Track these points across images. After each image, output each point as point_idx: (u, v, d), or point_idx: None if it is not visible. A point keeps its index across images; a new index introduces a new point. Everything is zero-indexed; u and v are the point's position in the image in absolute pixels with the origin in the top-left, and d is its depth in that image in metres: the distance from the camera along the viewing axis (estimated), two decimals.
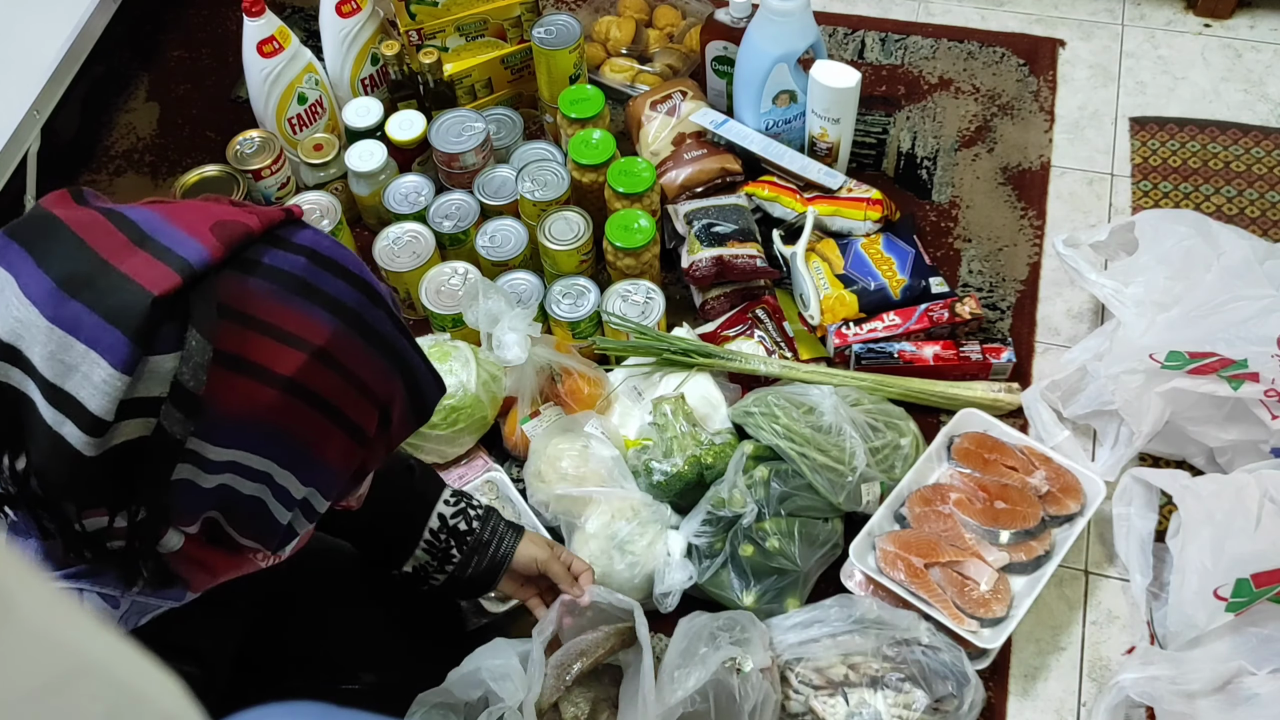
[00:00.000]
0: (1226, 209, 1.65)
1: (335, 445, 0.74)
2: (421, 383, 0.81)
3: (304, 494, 0.75)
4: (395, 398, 0.78)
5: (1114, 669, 1.28)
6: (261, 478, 0.72)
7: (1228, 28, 1.88)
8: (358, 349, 0.74)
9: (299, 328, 0.71)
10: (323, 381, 0.72)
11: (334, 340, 0.72)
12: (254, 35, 1.61)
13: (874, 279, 1.53)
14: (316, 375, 0.71)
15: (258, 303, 0.70)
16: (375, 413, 0.76)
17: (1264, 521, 1.18)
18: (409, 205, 1.61)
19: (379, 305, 0.76)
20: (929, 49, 1.89)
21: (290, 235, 0.74)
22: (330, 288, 0.73)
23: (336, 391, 0.73)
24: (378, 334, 0.76)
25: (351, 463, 0.77)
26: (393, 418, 0.79)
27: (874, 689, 1.19)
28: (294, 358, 0.70)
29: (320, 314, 0.72)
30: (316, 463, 0.74)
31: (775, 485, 1.30)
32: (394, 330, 0.77)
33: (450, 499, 1.14)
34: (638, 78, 1.81)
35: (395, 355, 0.77)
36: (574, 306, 1.50)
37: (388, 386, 0.77)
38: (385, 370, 0.76)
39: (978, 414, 1.41)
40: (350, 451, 0.76)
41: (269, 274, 0.71)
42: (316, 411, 0.72)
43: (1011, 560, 1.28)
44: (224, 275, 0.69)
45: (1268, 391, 1.25)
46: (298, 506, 0.75)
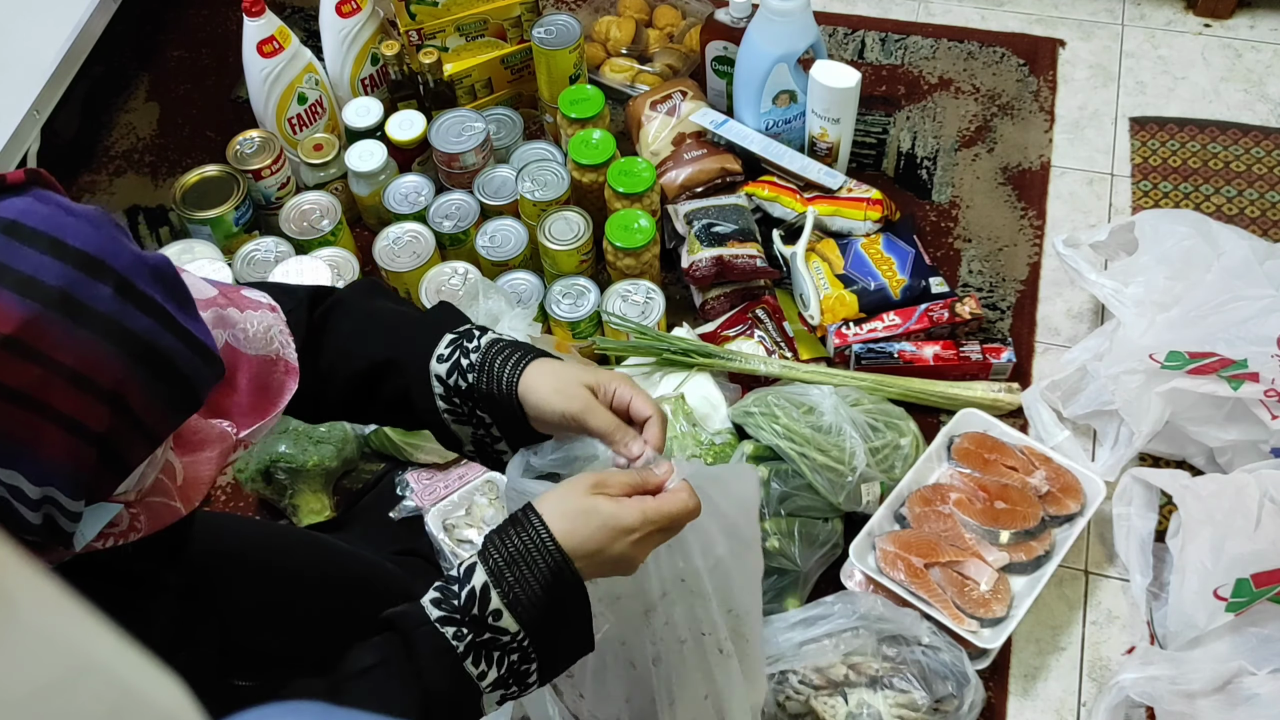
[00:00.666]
0: (1226, 209, 1.65)
1: (52, 441, 0.65)
2: (178, 363, 0.69)
3: (42, 494, 0.66)
4: (129, 385, 0.67)
5: (1114, 669, 1.28)
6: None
7: (1228, 28, 1.88)
8: (65, 335, 0.63)
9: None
10: (15, 374, 0.62)
11: (28, 327, 0.62)
12: (254, 35, 1.61)
13: (874, 279, 1.53)
14: (7, 368, 0.62)
15: None
16: (101, 405, 0.66)
17: (1264, 521, 1.18)
18: (409, 205, 1.61)
19: (102, 279, 0.66)
20: (929, 49, 1.89)
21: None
22: (26, 265, 0.63)
23: (36, 384, 0.63)
24: (93, 314, 0.65)
25: (85, 459, 0.67)
26: (132, 406, 0.67)
27: (874, 689, 1.19)
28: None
29: (7, 296, 0.62)
30: (36, 461, 0.65)
31: (775, 485, 1.31)
32: (123, 308, 0.66)
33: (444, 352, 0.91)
34: (638, 78, 1.81)
35: (125, 337, 0.66)
36: (574, 306, 1.50)
37: (113, 374, 0.66)
38: (109, 355, 0.65)
39: (978, 414, 1.41)
40: (75, 448, 0.66)
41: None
42: (15, 406, 0.63)
43: (1011, 560, 1.28)
44: None
45: (1268, 391, 1.25)
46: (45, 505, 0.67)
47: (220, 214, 1.59)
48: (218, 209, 1.59)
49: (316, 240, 1.58)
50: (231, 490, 1.49)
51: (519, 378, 0.88)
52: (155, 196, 1.81)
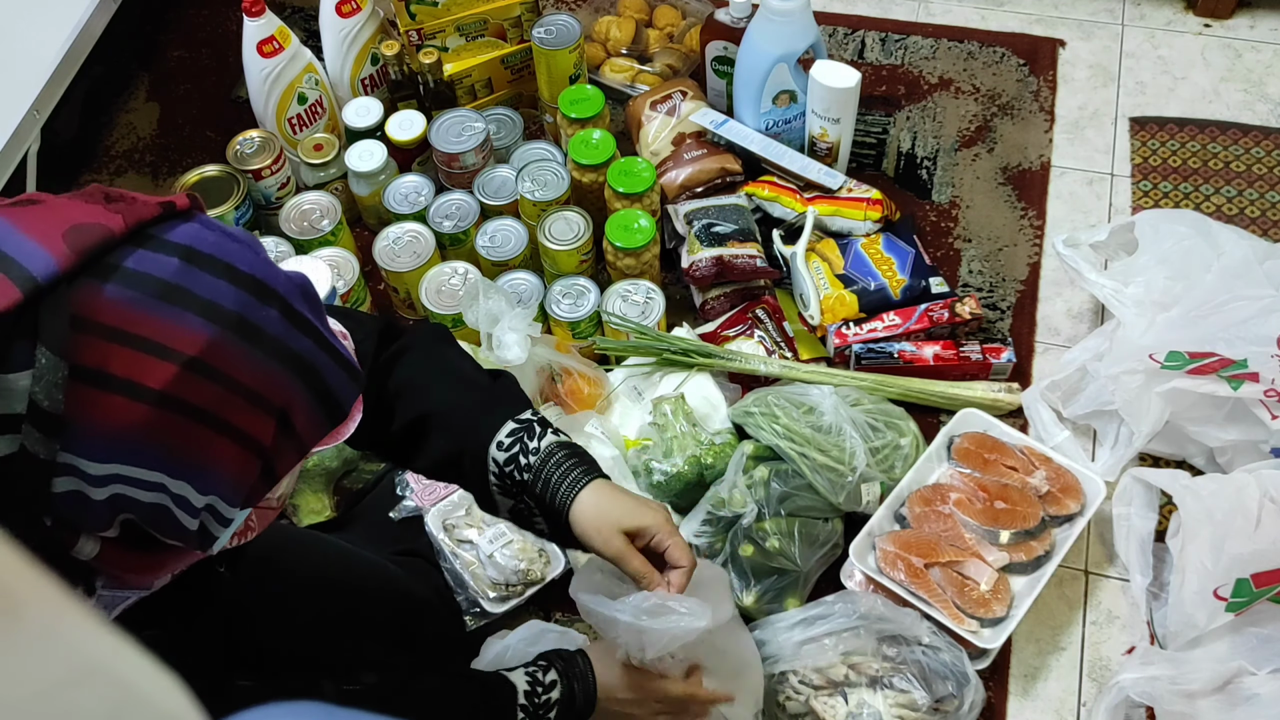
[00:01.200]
0: (1226, 209, 1.65)
1: (226, 456, 0.69)
2: (330, 382, 0.75)
3: (206, 502, 0.70)
4: (294, 402, 0.72)
5: (1114, 669, 1.28)
6: (155, 488, 0.68)
7: (1228, 28, 1.88)
8: (240, 355, 0.68)
9: (168, 337, 0.66)
10: (200, 393, 0.67)
11: (211, 348, 0.67)
12: (254, 35, 1.61)
13: (874, 279, 1.53)
14: (192, 387, 0.66)
15: (118, 313, 0.65)
16: (270, 420, 0.71)
17: (1264, 521, 1.18)
18: (409, 205, 1.61)
19: (269, 303, 0.70)
20: (929, 49, 1.89)
21: (164, 233, 0.69)
22: (205, 290, 0.67)
23: (218, 402, 0.68)
24: (267, 337, 0.70)
25: (250, 471, 0.72)
26: (295, 422, 0.73)
27: (874, 689, 1.19)
28: (164, 370, 0.65)
29: (193, 320, 0.66)
30: (209, 473, 0.69)
31: (775, 485, 1.31)
32: (288, 330, 0.71)
33: (505, 440, 0.99)
34: (638, 78, 1.81)
35: (290, 357, 0.71)
36: (574, 306, 1.50)
37: (283, 392, 0.71)
38: (278, 374, 0.70)
39: (978, 414, 1.41)
40: (245, 461, 0.71)
41: (132, 280, 0.66)
42: (197, 424, 0.67)
43: (1011, 560, 1.28)
44: (80, 285, 0.64)
45: (1268, 391, 1.25)
46: (204, 513, 0.71)
47: (220, 214, 1.59)
48: (218, 209, 1.59)
49: (316, 240, 1.58)
50: None
51: (570, 504, 0.98)
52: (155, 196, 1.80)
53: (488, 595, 1.32)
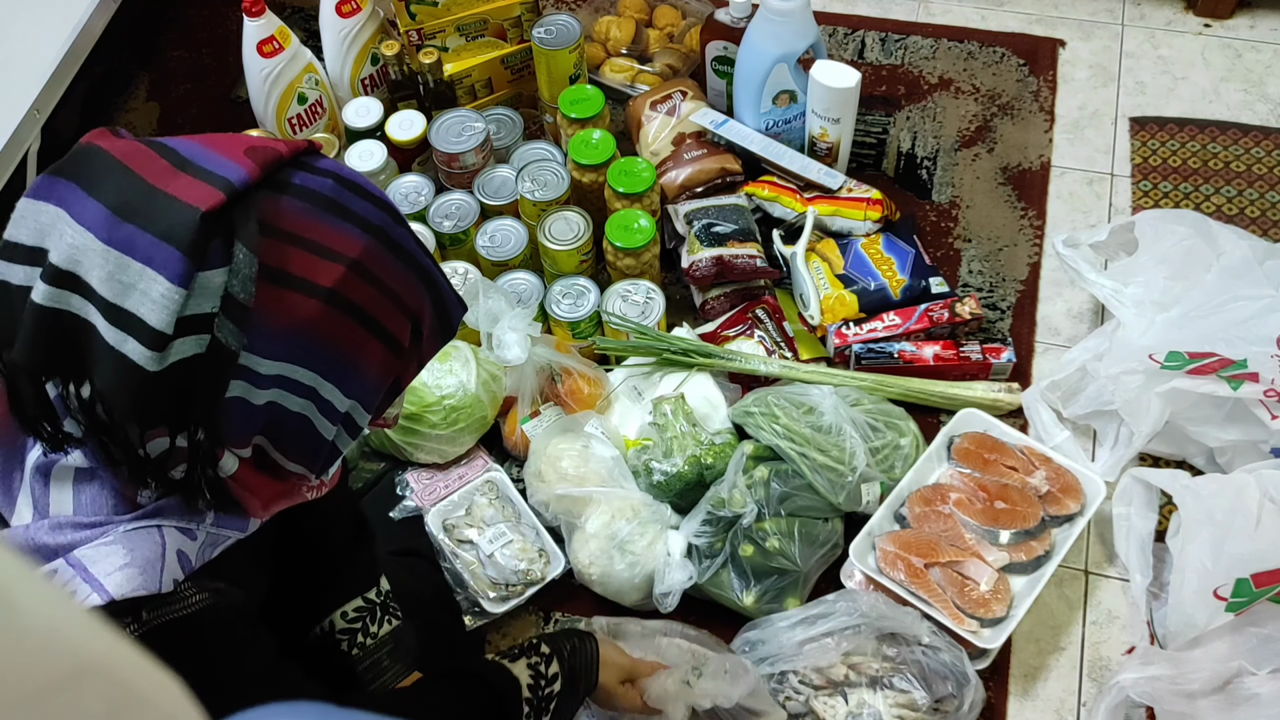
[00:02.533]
0: (1226, 209, 1.65)
1: (374, 355, 0.79)
2: (446, 299, 0.85)
3: (347, 406, 0.79)
4: (425, 311, 0.82)
5: (1114, 669, 1.28)
6: (307, 392, 0.76)
7: (1228, 28, 1.88)
8: (389, 263, 0.78)
9: (334, 242, 0.75)
10: (360, 292, 0.76)
11: (367, 254, 0.76)
12: (254, 35, 1.61)
13: (874, 279, 1.53)
14: (354, 286, 0.75)
15: (294, 219, 0.74)
16: (408, 324, 0.81)
17: (1264, 521, 1.18)
18: (409, 205, 1.61)
19: (402, 224, 0.81)
20: (929, 49, 1.89)
21: (315, 161, 0.78)
22: (358, 207, 0.77)
23: (373, 302, 0.77)
24: (405, 250, 0.80)
25: (389, 374, 0.81)
26: (423, 331, 0.83)
27: (874, 689, 1.19)
28: (333, 270, 0.74)
29: (352, 229, 0.76)
30: (357, 373, 0.78)
31: (775, 485, 1.31)
32: (417, 247, 0.82)
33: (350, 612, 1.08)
34: (638, 78, 1.81)
35: (422, 270, 0.81)
36: (574, 306, 1.50)
37: (418, 299, 0.81)
38: (414, 283, 0.81)
39: (978, 414, 1.41)
40: (388, 362, 0.80)
41: (301, 194, 0.75)
42: (355, 322, 0.76)
43: (1011, 560, 1.28)
44: (261, 195, 0.73)
45: (1267, 391, 1.25)
46: (341, 421, 0.80)
47: None
48: None
49: None
50: None
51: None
52: None
53: (488, 595, 1.32)
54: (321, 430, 0.79)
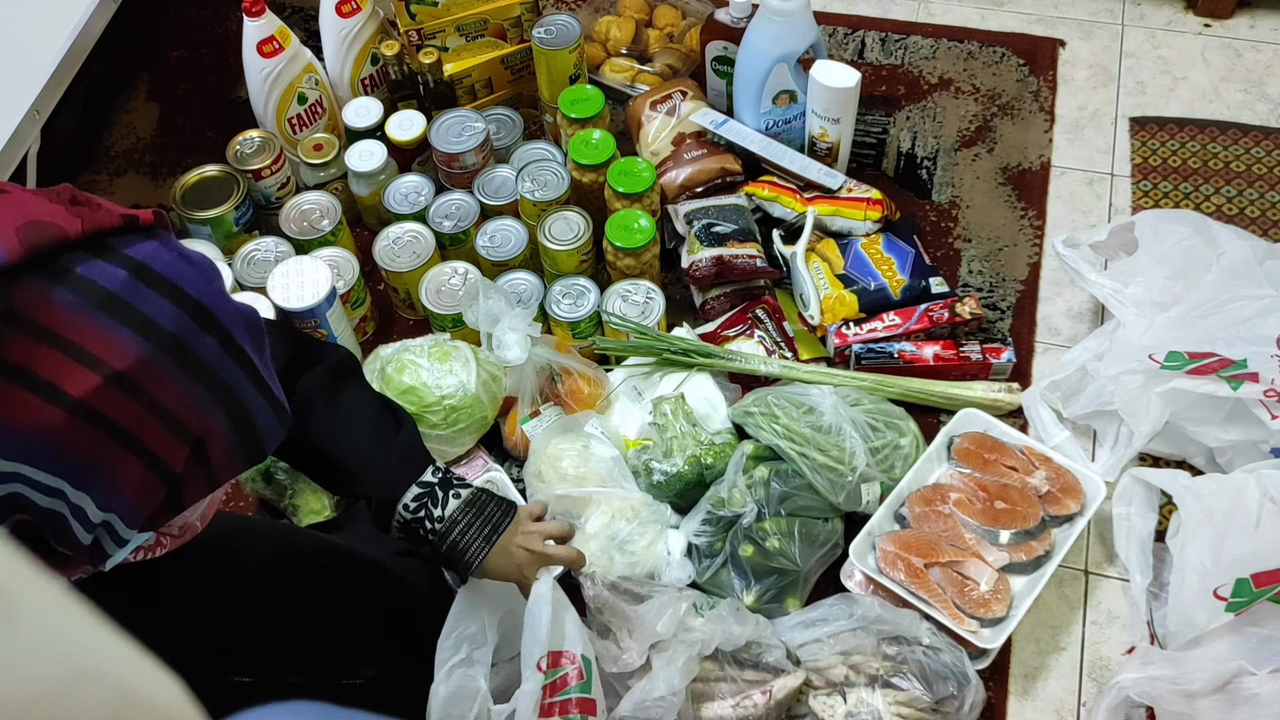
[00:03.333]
0: (1226, 209, 1.65)
1: (132, 474, 0.69)
2: (256, 419, 0.75)
3: (103, 518, 0.70)
4: (212, 432, 0.72)
5: (1114, 669, 1.28)
6: (55, 494, 0.67)
7: (1228, 28, 1.88)
8: (167, 378, 0.68)
9: (98, 348, 0.65)
10: (118, 408, 0.66)
11: (139, 366, 0.67)
12: (254, 35, 1.61)
13: (874, 279, 1.53)
14: (111, 400, 0.66)
15: (56, 315, 0.64)
16: (184, 447, 0.71)
17: (1264, 521, 1.18)
18: (409, 205, 1.61)
19: (209, 331, 0.71)
20: (929, 49, 1.89)
21: (121, 245, 0.68)
22: (148, 307, 0.67)
23: (134, 420, 0.67)
24: (199, 362, 0.70)
25: (153, 495, 0.71)
26: (209, 453, 0.73)
27: (873, 689, 1.19)
28: (87, 379, 0.65)
29: (127, 335, 0.66)
30: (110, 490, 0.69)
31: (775, 485, 1.31)
32: (226, 361, 0.72)
33: (410, 504, 1.05)
34: (638, 78, 1.81)
35: (220, 388, 0.72)
36: (574, 306, 1.50)
37: (202, 421, 0.71)
38: (201, 402, 0.71)
39: (978, 414, 1.41)
40: (149, 484, 0.70)
41: (76, 285, 0.65)
42: (108, 437, 0.67)
43: (1011, 560, 1.28)
44: (24, 280, 0.64)
45: (1267, 391, 1.25)
46: (100, 529, 0.70)
47: (220, 214, 1.59)
48: (218, 209, 1.59)
49: (316, 240, 1.58)
50: (232, 490, 1.49)
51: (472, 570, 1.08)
52: (155, 196, 1.81)
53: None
54: (78, 534, 0.69)
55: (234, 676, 1.06)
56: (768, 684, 1.16)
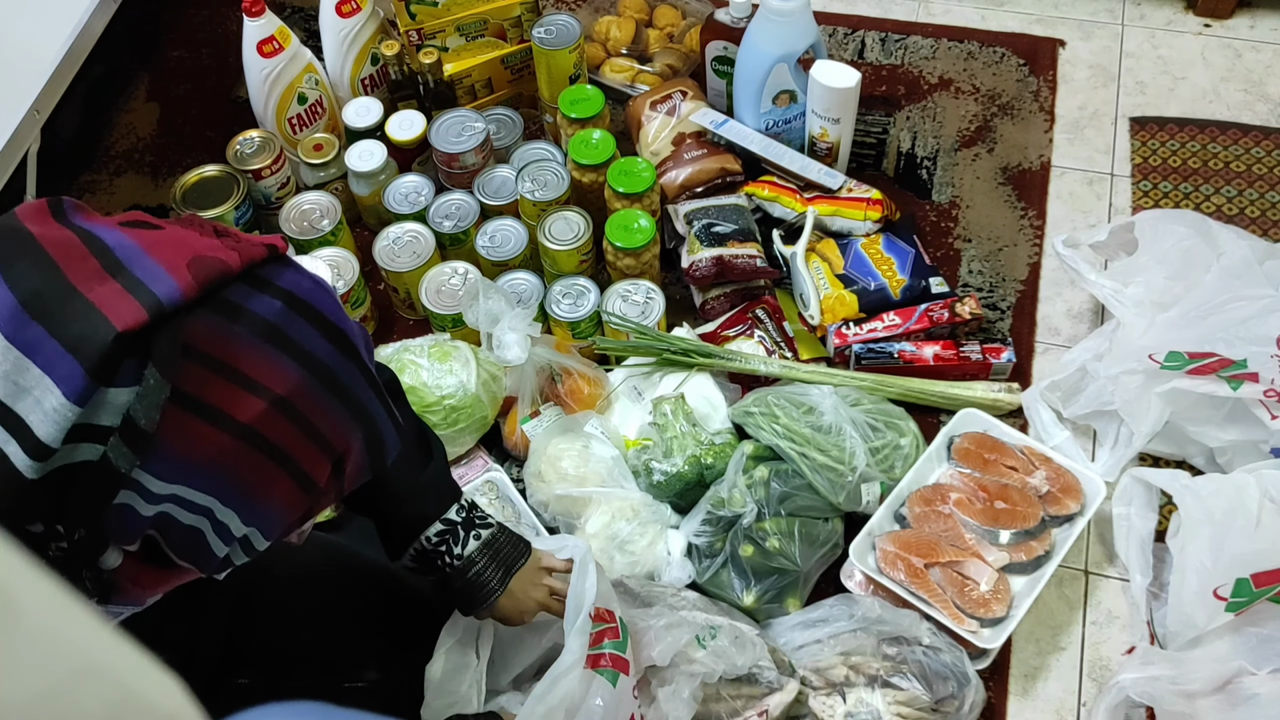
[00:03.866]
0: (1226, 209, 1.65)
1: (282, 492, 0.73)
2: (383, 435, 0.80)
3: (244, 532, 0.73)
4: (351, 449, 0.76)
5: (1114, 669, 1.28)
6: (202, 511, 0.70)
7: (1228, 28, 1.88)
8: (320, 401, 0.72)
9: (263, 375, 0.69)
10: (279, 431, 0.70)
11: (297, 391, 0.71)
12: (254, 35, 1.61)
13: (874, 279, 1.53)
14: (273, 424, 0.70)
15: (226, 347, 0.68)
16: (329, 464, 0.75)
17: (1264, 521, 1.18)
18: (409, 205, 1.61)
19: (350, 358, 0.75)
20: (929, 49, 1.89)
21: (271, 276, 0.72)
22: (302, 337, 0.71)
23: (291, 441, 0.71)
24: (344, 388, 0.74)
25: (297, 509, 0.75)
26: (346, 469, 0.77)
27: (873, 689, 1.19)
28: (254, 405, 0.68)
29: (288, 363, 0.70)
30: (260, 506, 0.72)
31: (775, 485, 1.31)
32: (362, 383, 0.76)
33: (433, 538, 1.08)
34: (638, 78, 1.81)
35: (358, 409, 0.76)
36: (574, 306, 1.50)
37: (345, 439, 0.75)
38: (345, 423, 0.75)
39: (978, 414, 1.41)
40: (297, 499, 0.74)
41: (242, 318, 0.69)
42: (268, 459, 0.71)
43: (1011, 560, 1.28)
44: (195, 315, 0.67)
45: (1267, 391, 1.25)
46: (237, 543, 0.74)
47: (220, 214, 1.59)
48: (218, 209, 1.59)
49: (316, 240, 1.58)
50: None
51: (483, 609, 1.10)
52: (155, 196, 1.81)
53: None
54: (214, 546, 0.73)
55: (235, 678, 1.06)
56: (763, 702, 1.16)
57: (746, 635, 1.16)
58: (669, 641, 1.11)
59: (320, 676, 1.11)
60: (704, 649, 1.13)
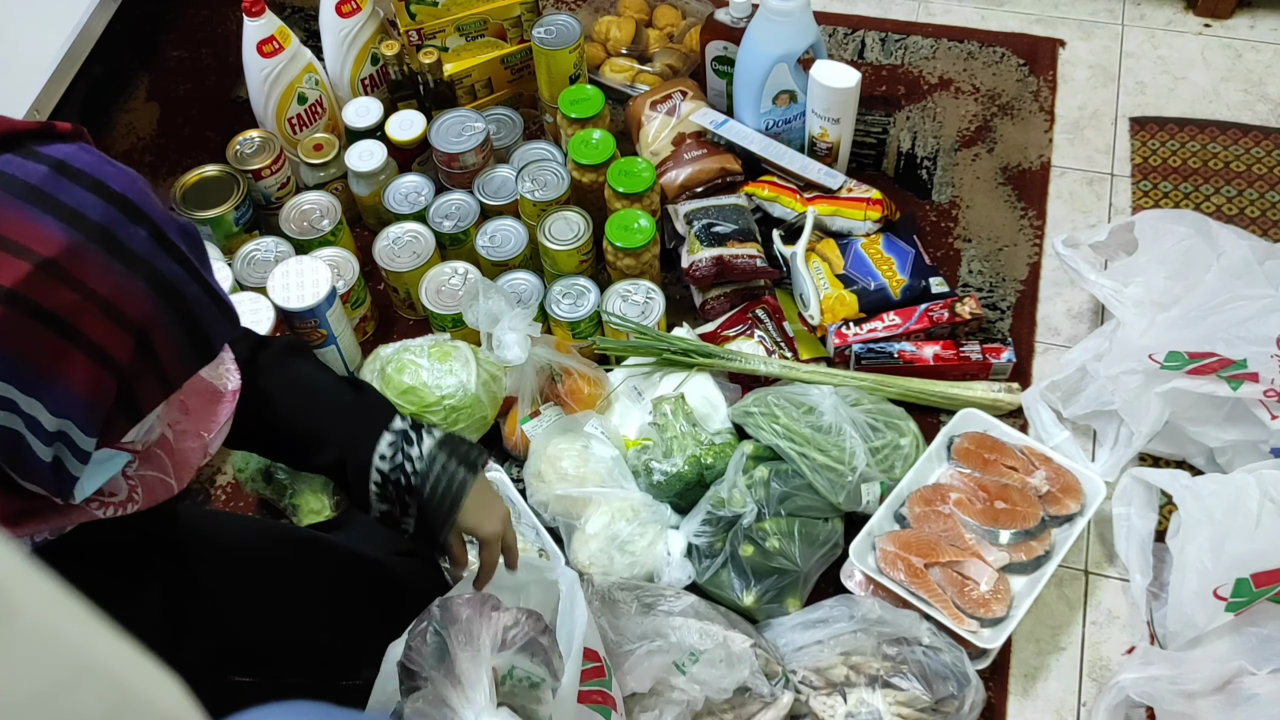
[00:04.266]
0: (1226, 209, 1.65)
1: (77, 368, 0.69)
2: (198, 312, 0.74)
3: (58, 425, 0.69)
4: (154, 322, 0.72)
5: (1114, 669, 1.28)
6: (7, 405, 0.67)
7: (1228, 28, 1.88)
8: (99, 265, 0.68)
9: (24, 236, 0.66)
10: (53, 296, 0.66)
11: (68, 253, 0.67)
12: (254, 35, 1.61)
13: (874, 279, 1.53)
14: (44, 288, 0.66)
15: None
16: (127, 338, 0.70)
17: (1264, 521, 1.18)
18: (409, 205, 1.61)
19: (139, 224, 0.70)
20: (929, 49, 1.89)
21: (41, 146, 0.69)
22: (71, 199, 0.68)
23: (70, 308, 0.67)
24: (130, 252, 0.70)
25: (103, 391, 0.71)
26: (155, 345, 0.72)
27: (874, 689, 1.19)
28: (16, 267, 0.65)
29: (52, 224, 0.67)
30: (59, 388, 0.68)
31: (775, 485, 1.31)
32: (156, 251, 0.71)
33: (386, 452, 1.02)
34: (638, 78, 1.81)
35: (155, 278, 0.71)
36: (574, 306, 1.50)
37: (142, 309, 0.71)
38: (139, 291, 0.70)
39: (978, 414, 1.41)
40: (98, 378, 0.70)
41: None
42: (46, 328, 0.67)
43: (1011, 560, 1.28)
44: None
45: (1267, 391, 1.25)
46: (58, 441, 0.70)
47: (220, 214, 1.59)
48: (218, 209, 1.59)
49: (316, 240, 1.58)
50: (232, 490, 1.49)
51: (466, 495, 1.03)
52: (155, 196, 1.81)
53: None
54: (36, 450, 0.70)
55: (234, 677, 1.06)
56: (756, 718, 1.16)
57: (735, 654, 1.15)
58: (646, 667, 1.11)
59: (318, 675, 1.11)
60: (684, 675, 1.12)
